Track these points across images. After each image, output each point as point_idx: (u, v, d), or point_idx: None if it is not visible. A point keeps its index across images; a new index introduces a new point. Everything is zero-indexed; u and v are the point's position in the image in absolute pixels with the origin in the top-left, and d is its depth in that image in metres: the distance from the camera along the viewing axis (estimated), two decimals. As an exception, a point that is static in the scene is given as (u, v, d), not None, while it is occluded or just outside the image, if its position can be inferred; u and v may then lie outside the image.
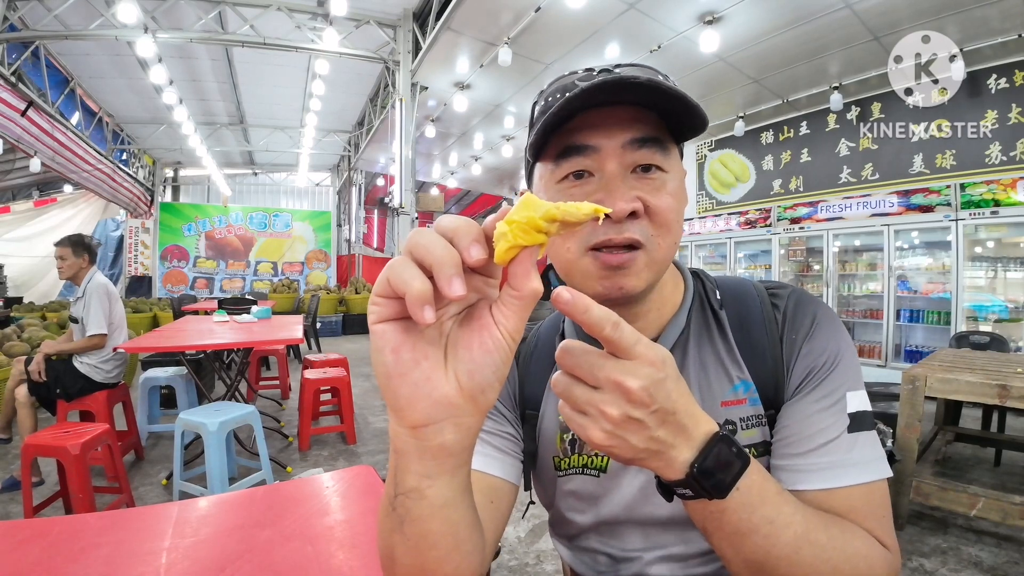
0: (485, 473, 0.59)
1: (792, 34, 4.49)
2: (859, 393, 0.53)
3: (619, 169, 0.52)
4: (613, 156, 0.51)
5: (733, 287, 0.64)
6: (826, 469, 0.49)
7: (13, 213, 10.21)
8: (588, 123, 0.52)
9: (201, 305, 6.79)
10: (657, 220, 0.52)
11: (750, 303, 0.61)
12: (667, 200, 0.52)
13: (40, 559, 0.73)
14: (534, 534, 2.28)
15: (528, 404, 0.67)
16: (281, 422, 3.86)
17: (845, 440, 0.50)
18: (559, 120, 0.52)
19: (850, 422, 0.50)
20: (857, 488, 0.48)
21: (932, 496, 2.10)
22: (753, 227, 6.58)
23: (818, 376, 0.54)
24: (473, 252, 0.29)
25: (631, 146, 0.51)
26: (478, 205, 12.99)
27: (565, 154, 0.53)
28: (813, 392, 0.53)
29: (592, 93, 0.48)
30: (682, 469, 0.37)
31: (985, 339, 3.45)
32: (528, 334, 0.72)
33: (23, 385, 2.70)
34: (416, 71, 5.58)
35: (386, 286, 0.30)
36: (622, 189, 0.51)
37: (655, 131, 0.52)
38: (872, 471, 0.49)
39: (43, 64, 6.08)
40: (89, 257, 2.81)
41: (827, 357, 0.54)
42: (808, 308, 0.58)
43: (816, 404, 0.52)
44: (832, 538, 0.43)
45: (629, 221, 0.51)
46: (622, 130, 0.51)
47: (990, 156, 4.62)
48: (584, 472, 0.62)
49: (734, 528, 0.40)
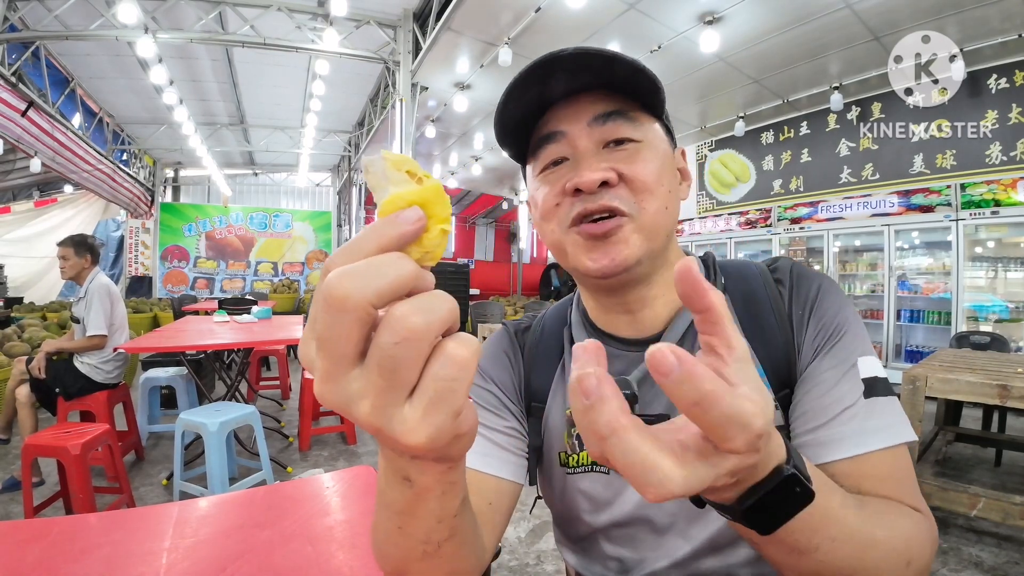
0: (485, 473, 0.58)
1: (792, 34, 4.49)
2: (870, 359, 0.52)
3: (589, 145, 0.53)
4: (580, 135, 0.53)
5: (736, 269, 0.63)
6: (849, 437, 0.47)
7: (13, 213, 10.20)
8: (555, 115, 0.55)
9: (201, 305, 6.79)
10: (635, 186, 0.51)
11: (754, 284, 0.60)
12: (643, 166, 0.52)
13: (40, 559, 0.73)
14: (535, 534, 2.28)
15: (534, 397, 0.65)
16: (281, 422, 3.86)
17: (863, 406, 0.49)
18: (525, 116, 0.55)
19: (865, 388, 0.50)
20: (883, 453, 0.47)
21: (933, 496, 2.09)
22: (753, 227, 6.58)
23: (827, 345, 0.53)
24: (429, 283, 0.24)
25: (597, 122, 0.53)
26: (478, 205, 12.99)
27: (539, 145, 0.56)
28: (824, 361, 0.52)
29: (528, 74, 0.50)
30: (726, 501, 0.31)
31: (985, 339, 3.45)
32: (532, 323, 0.71)
33: (24, 385, 2.70)
34: (416, 71, 5.58)
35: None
36: (590, 161, 0.52)
37: (619, 105, 0.53)
38: (895, 435, 0.48)
39: (43, 64, 6.07)
40: (91, 257, 2.82)
41: (835, 326, 0.54)
42: (812, 280, 0.58)
43: (829, 373, 0.51)
44: (891, 529, 0.41)
45: (603, 190, 0.51)
46: (585, 110, 0.53)
47: (990, 156, 4.62)
48: (593, 470, 0.60)
49: (790, 548, 0.36)
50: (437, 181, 0.26)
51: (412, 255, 0.24)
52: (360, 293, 0.21)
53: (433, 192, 0.25)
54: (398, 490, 0.32)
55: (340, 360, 0.22)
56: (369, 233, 0.24)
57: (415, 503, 0.32)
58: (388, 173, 0.25)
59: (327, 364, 0.23)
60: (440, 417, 0.23)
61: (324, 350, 0.23)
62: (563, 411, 0.63)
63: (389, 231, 0.23)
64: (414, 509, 0.33)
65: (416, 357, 0.22)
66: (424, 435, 0.23)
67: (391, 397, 0.22)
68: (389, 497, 0.33)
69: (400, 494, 0.32)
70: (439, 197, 0.25)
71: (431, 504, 0.33)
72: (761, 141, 6.59)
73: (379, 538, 0.40)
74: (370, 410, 0.23)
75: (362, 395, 0.23)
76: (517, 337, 0.70)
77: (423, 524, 0.35)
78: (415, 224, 0.24)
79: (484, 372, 0.66)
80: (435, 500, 0.32)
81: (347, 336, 0.22)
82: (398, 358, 0.22)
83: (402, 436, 0.23)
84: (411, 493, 0.31)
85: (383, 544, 0.39)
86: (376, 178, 0.26)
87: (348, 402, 0.23)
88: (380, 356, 0.22)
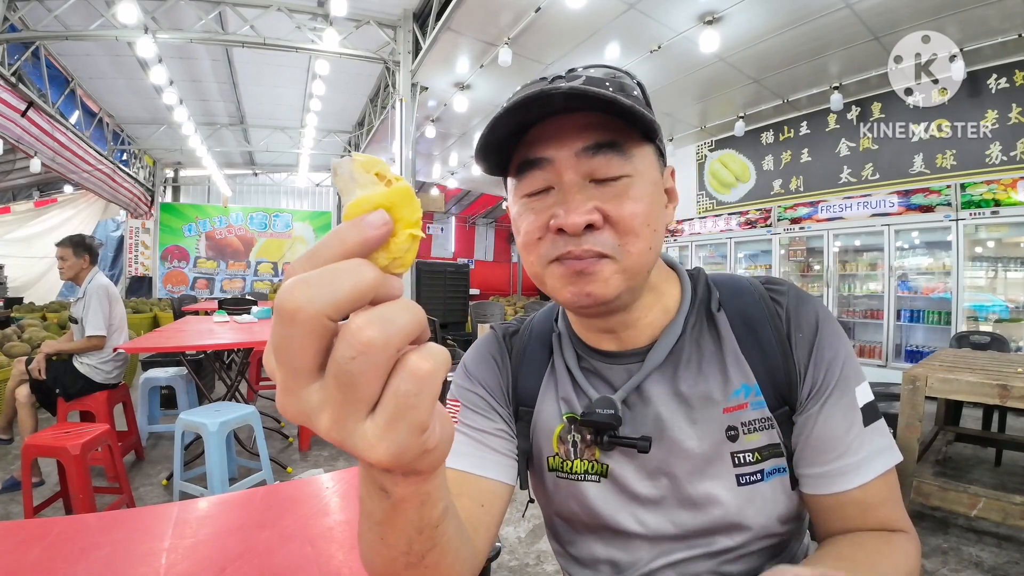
0: (476, 475, 0.58)
1: (792, 34, 4.49)
2: (863, 385, 0.55)
3: (575, 179, 0.49)
4: (568, 167, 0.49)
5: (731, 286, 0.62)
6: (857, 468, 0.52)
7: (13, 214, 10.20)
8: (543, 134, 0.51)
9: (201, 305, 6.79)
10: (620, 228, 0.49)
11: (749, 299, 0.60)
12: (630, 207, 0.49)
13: (40, 559, 0.73)
14: (534, 534, 2.28)
15: (522, 400, 0.65)
16: (281, 422, 3.86)
17: (866, 436, 0.53)
18: (510, 134, 0.51)
19: (863, 416, 0.53)
20: (881, 478, 0.52)
21: (933, 496, 2.09)
22: (753, 227, 6.58)
23: (829, 381, 0.54)
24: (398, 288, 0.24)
25: (585, 154, 0.49)
26: (478, 205, 12.99)
27: (522, 169, 0.52)
28: (831, 399, 0.54)
29: (517, 110, 0.48)
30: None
31: (985, 339, 3.45)
32: (521, 327, 0.70)
33: (24, 385, 2.70)
34: (416, 71, 5.58)
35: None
36: (577, 200, 0.49)
37: (611, 134, 0.49)
38: (889, 458, 0.53)
39: (43, 64, 6.07)
40: (90, 257, 2.81)
41: (837, 361, 0.55)
42: (810, 307, 0.58)
43: (835, 409, 0.54)
44: (896, 564, 0.47)
45: (588, 233, 0.49)
46: (574, 138, 0.49)
47: (990, 156, 4.62)
48: (585, 478, 0.61)
49: None
50: (406, 183, 0.24)
51: (379, 262, 0.23)
52: (313, 304, 0.20)
53: (401, 195, 0.24)
54: (376, 500, 0.31)
55: (297, 373, 0.22)
56: (331, 238, 0.22)
57: (393, 514, 0.32)
58: (356, 175, 0.24)
59: (284, 376, 0.22)
60: (401, 434, 0.22)
61: (281, 362, 0.22)
62: (552, 415, 0.63)
63: (352, 236, 0.22)
64: (392, 520, 0.32)
65: (375, 372, 0.21)
66: (384, 452, 0.22)
67: (350, 412, 0.22)
68: (369, 507, 0.33)
69: (378, 504, 0.31)
70: (407, 200, 0.24)
71: (410, 515, 0.32)
72: (761, 141, 6.59)
73: (364, 548, 0.40)
74: (330, 424, 0.22)
75: (321, 408, 0.22)
76: (505, 340, 0.69)
77: (403, 535, 0.34)
78: (380, 229, 0.22)
79: (471, 375, 0.66)
80: (413, 511, 0.32)
81: (301, 349, 0.21)
82: (355, 373, 0.21)
83: (363, 452, 0.22)
84: (388, 504, 0.31)
85: (367, 553, 0.39)
86: (343, 180, 0.24)
87: (308, 415, 0.22)
88: (337, 371, 0.21)
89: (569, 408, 0.62)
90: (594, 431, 0.58)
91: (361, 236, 0.22)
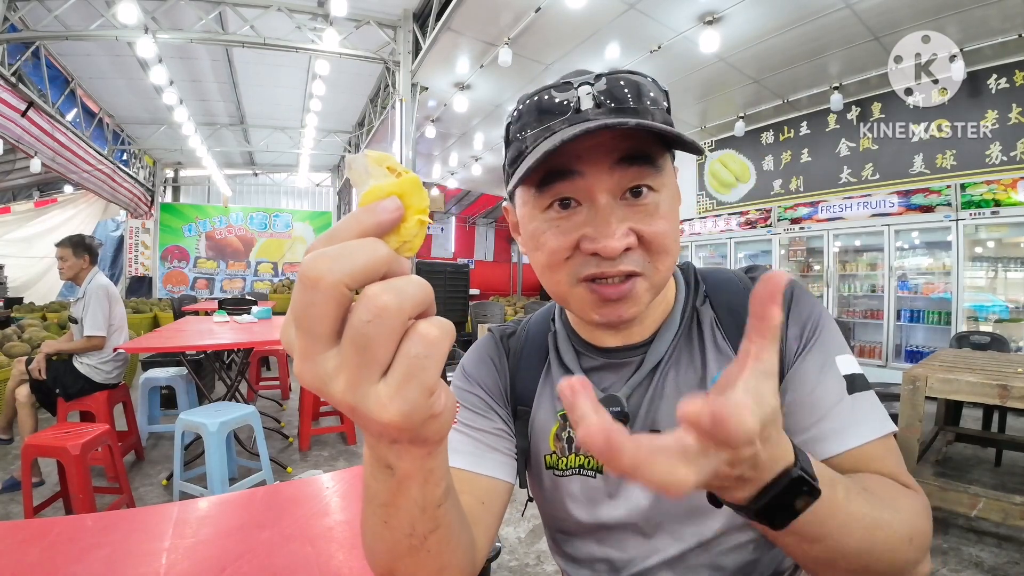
0: (476, 474, 0.58)
1: (792, 34, 4.49)
2: (847, 356, 0.54)
3: (608, 199, 0.48)
4: (601, 182, 0.48)
5: (717, 278, 0.64)
6: (842, 431, 0.50)
7: (13, 214, 10.20)
8: (573, 145, 0.48)
9: (201, 305, 6.79)
10: (653, 248, 0.50)
11: (733, 289, 0.62)
12: (661, 226, 0.50)
13: (40, 559, 0.73)
14: (534, 534, 2.28)
15: (519, 400, 0.66)
16: (281, 422, 3.86)
17: (847, 401, 0.51)
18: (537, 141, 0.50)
19: (847, 384, 0.52)
20: (874, 443, 0.50)
21: (933, 496, 2.09)
22: (753, 227, 6.58)
23: (807, 345, 0.54)
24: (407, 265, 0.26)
25: (619, 166, 0.48)
26: (478, 205, 12.98)
27: (548, 180, 0.50)
28: (806, 360, 0.53)
29: (571, 140, 0.45)
30: (740, 501, 0.32)
31: (985, 339, 3.45)
32: (518, 328, 0.71)
33: (24, 385, 2.70)
34: (416, 71, 5.58)
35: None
36: (613, 224, 0.48)
37: (645, 145, 0.49)
38: (882, 426, 0.50)
39: (43, 64, 6.07)
40: (90, 258, 2.81)
41: (811, 326, 0.55)
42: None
43: (812, 372, 0.53)
44: (895, 511, 0.43)
45: (624, 254, 0.49)
46: (609, 149, 0.48)
47: (990, 156, 4.62)
48: (581, 472, 0.61)
49: (802, 538, 0.37)
50: (415, 175, 0.27)
51: (391, 244, 0.25)
52: (333, 273, 0.22)
53: (411, 184, 0.26)
54: (381, 479, 0.33)
55: (316, 339, 0.23)
56: (348, 220, 0.25)
57: (397, 492, 0.33)
58: (369, 168, 0.27)
59: (304, 343, 0.24)
60: (412, 393, 0.23)
61: (301, 329, 0.23)
62: (549, 414, 0.64)
63: (367, 219, 0.24)
64: (396, 499, 0.34)
65: (388, 335, 0.23)
66: (396, 411, 0.23)
67: (365, 374, 0.23)
68: (373, 489, 0.34)
69: (383, 484, 0.33)
70: (417, 189, 0.26)
71: (413, 492, 0.33)
72: (761, 141, 6.59)
73: (367, 537, 0.41)
74: (345, 387, 0.23)
75: (337, 373, 0.23)
76: (502, 342, 0.71)
77: (407, 515, 0.35)
78: (393, 213, 0.25)
79: (469, 376, 0.67)
80: (417, 488, 0.33)
81: (322, 315, 0.22)
82: (370, 336, 0.22)
83: (376, 413, 0.23)
84: (393, 481, 0.32)
85: (371, 541, 0.40)
86: (357, 174, 0.27)
87: (324, 380, 0.24)
88: (354, 334, 0.22)
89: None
90: None
91: (376, 219, 0.24)
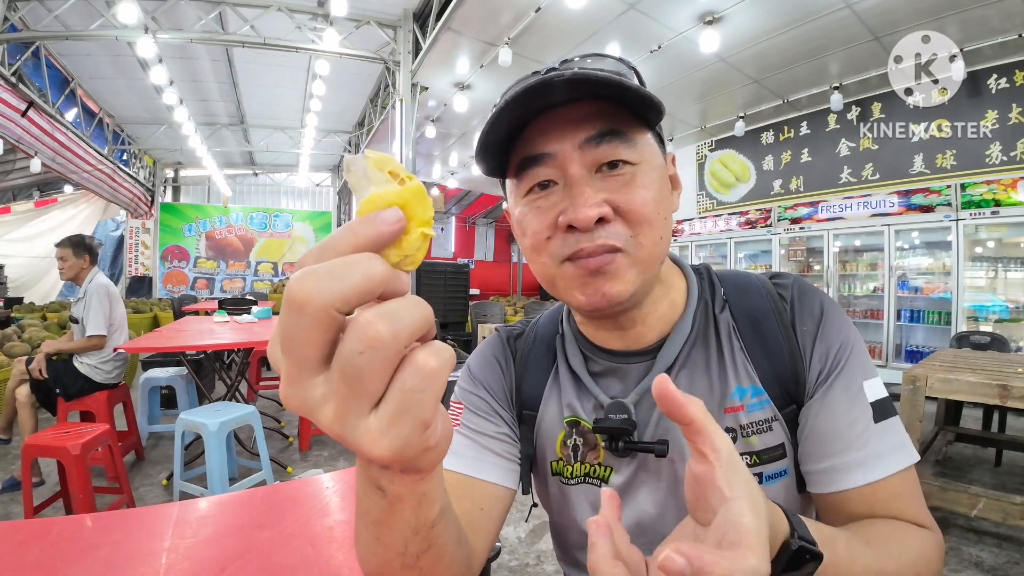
0: (477, 479, 0.57)
1: (792, 34, 4.49)
2: (875, 381, 0.52)
3: (581, 172, 0.48)
4: (571, 159, 0.48)
5: (738, 283, 0.60)
6: (865, 464, 0.48)
7: (14, 213, 10.19)
8: (542, 129, 0.49)
9: (201, 305, 6.80)
10: (632, 219, 0.48)
11: (757, 297, 0.58)
12: (640, 194, 0.48)
13: (40, 559, 0.73)
14: (535, 535, 2.28)
15: (525, 404, 0.64)
16: (281, 422, 3.86)
17: (875, 431, 0.49)
18: (508, 133, 0.49)
19: (874, 412, 0.50)
20: (896, 476, 0.48)
21: (933, 496, 2.09)
22: (753, 227, 6.58)
23: (835, 370, 0.52)
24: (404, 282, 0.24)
25: (589, 144, 0.47)
26: (478, 205, 12.98)
27: (523, 166, 0.50)
28: (833, 387, 0.52)
29: (520, 101, 0.45)
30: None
31: (986, 339, 3.45)
32: (525, 329, 0.69)
33: (24, 385, 2.70)
34: (416, 71, 5.58)
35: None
36: (586, 194, 0.47)
37: (613, 123, 0.48)
38: (905, 457, 0.49)
39: (43, 64, 6.08)
40: (90, 258, 2.81)
41: (840, 349, 0.53)
42: (814, 297, 0.57)
43: (839, 399, 0.51)
44: (899, 557, 0.42)
45: (600, 227, 0.47)
46: (576, 129, 0.48)
47: (990, 156, 4.62)
48: (586, 481, 0.60)
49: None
50: (420, 183, 0.24)
51: (390, 259, 0.23)
52: (322, 295, 0.20)
53: (414, 193, 0.24)
54: (372, 499, 0.31)
55: (303, 364, 0.22)
56: (344, 232, 0.22)
57: (389, 513, 0.31)
58: (369, 172, 0.24)
59: (290, 367, 0.22)
60: (405, 429, 0.22)
61: (287, 352, 0.22)
62: (555, 420, 0.62)
63: (365, 231, 0.22)
64: (388, 519, 0.32)
65: (382, 367, 0.21)
66: (387, 447, 0.22)
67: (355, 406, 0.21)
68: (365, 505, 0.33)
69: (374, 503, 0.31)
70: (421, 199, 0.24)
71: (405, 514, 0.32)
72: (761, 141, 6.59)
73: (360, 547, 0.39)
74: (333, 417, 0.22)
75: (325, 401, 0.22)
76: (509, 343, 0.68)
77: (399, 535, 0.34)
78: (393, 225, 0.22)
79: (475, 377, 0.65)
80: (409, 511, 0.31)
81: (309, 340, 0.21)
82: (362, 367, 0.20)
83: (365, 447, 0.22)
84: (384, 503, 0.30)
85: (364, 552, 0.39)
86: (357, 177, 0.24)
87: (311, 406, 0.22)
88: (344, 364, 0.21)
89: (572, 412, 0.61)
90: (608, 438, 0.56)
91: (375, 232, 0.22)
